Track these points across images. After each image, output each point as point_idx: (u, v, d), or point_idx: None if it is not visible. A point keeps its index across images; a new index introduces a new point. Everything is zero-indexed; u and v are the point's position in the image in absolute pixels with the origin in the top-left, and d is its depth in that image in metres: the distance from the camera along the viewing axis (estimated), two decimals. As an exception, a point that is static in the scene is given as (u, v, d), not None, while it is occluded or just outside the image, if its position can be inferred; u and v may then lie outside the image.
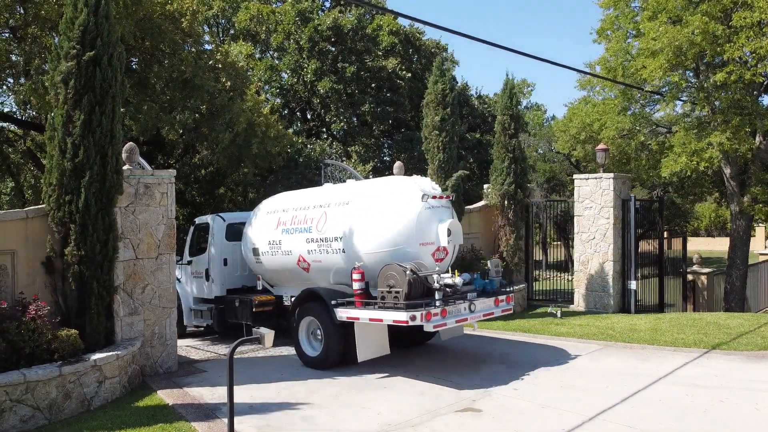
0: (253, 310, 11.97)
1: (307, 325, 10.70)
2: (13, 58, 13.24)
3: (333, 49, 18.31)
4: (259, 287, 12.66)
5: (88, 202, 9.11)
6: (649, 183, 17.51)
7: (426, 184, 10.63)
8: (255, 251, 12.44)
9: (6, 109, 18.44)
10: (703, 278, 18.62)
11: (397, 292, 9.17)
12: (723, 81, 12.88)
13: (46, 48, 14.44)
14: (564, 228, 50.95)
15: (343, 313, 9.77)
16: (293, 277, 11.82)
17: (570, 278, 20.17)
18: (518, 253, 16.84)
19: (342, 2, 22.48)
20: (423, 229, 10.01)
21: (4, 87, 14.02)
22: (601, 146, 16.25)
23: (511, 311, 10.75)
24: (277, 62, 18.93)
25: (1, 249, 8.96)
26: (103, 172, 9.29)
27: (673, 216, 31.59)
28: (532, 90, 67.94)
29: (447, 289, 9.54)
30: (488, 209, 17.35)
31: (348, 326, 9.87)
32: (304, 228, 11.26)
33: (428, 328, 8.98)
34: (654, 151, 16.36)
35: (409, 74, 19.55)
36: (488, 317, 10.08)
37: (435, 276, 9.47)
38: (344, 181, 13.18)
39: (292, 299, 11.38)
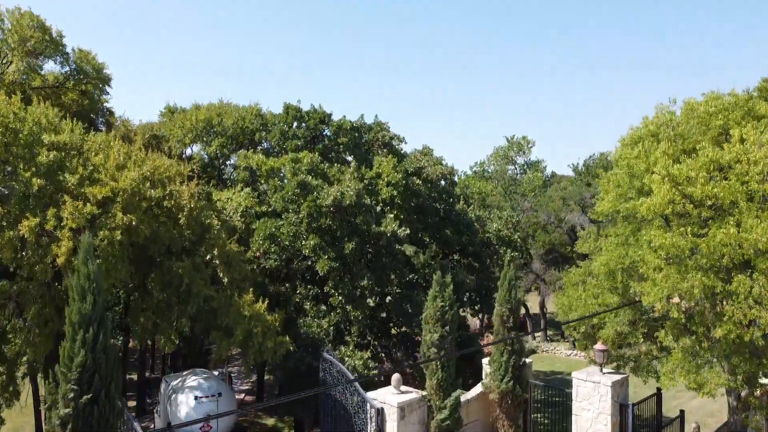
0: None
1: None
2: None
3: (332, 223, 18.36)
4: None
5: None
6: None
7: (204, 387, 18.32)
8: (163, 404, 20.45)
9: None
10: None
11: None
12: (723, 335, 12.86)
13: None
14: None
15: None
16: (166, 422, 19.69)
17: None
18: (516, 443, 16.85)
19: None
20: (194, 414, 17.79)
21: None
22: (600, 346, 16.20)
23: None
24: (275, 227, 18.96)
25: None
26: None
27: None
28: (531, 147, 68.06)
29: None
30: (485, 396, 17.30)
31: None
32: (163, 398, 19.59)
33: None
34: (653, 354, 16.36)
35: (408, 231, 19.55)
36: None
37: None
38: (334, 376, 16.78)
39: None
